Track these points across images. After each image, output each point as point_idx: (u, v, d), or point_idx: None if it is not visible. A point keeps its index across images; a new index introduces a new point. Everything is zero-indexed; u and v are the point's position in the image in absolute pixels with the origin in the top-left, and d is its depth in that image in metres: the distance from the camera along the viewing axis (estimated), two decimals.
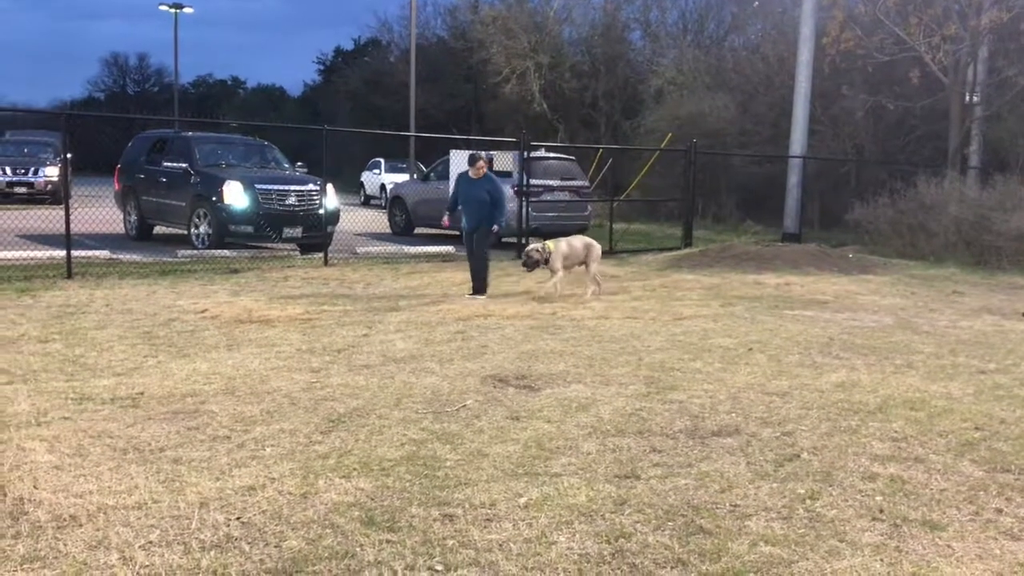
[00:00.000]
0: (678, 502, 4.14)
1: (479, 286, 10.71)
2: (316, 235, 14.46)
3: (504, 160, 16.68)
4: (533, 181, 15.92)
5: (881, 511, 4.11)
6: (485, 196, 10.65)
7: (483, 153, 11.10)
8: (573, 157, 19.15)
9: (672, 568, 3.48)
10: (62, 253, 11.39)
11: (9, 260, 12.21)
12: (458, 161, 15.44)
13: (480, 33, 35.46)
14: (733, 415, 5.64)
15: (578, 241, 11.08)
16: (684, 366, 6.99)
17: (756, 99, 26.17)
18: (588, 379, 6.49)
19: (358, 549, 3.55)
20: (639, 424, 5.38)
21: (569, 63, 34.68)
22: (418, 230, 19.02)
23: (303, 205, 14.76)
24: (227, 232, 14.36)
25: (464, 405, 5.73)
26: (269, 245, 14.97)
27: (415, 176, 26.34)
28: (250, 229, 14.34)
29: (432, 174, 19.09)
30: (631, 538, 3.73)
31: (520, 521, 3.88)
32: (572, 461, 4.68)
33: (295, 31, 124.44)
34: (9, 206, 22.37)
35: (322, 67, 61.67)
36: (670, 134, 23.32)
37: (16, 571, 3.28)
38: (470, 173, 10.82)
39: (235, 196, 14.15)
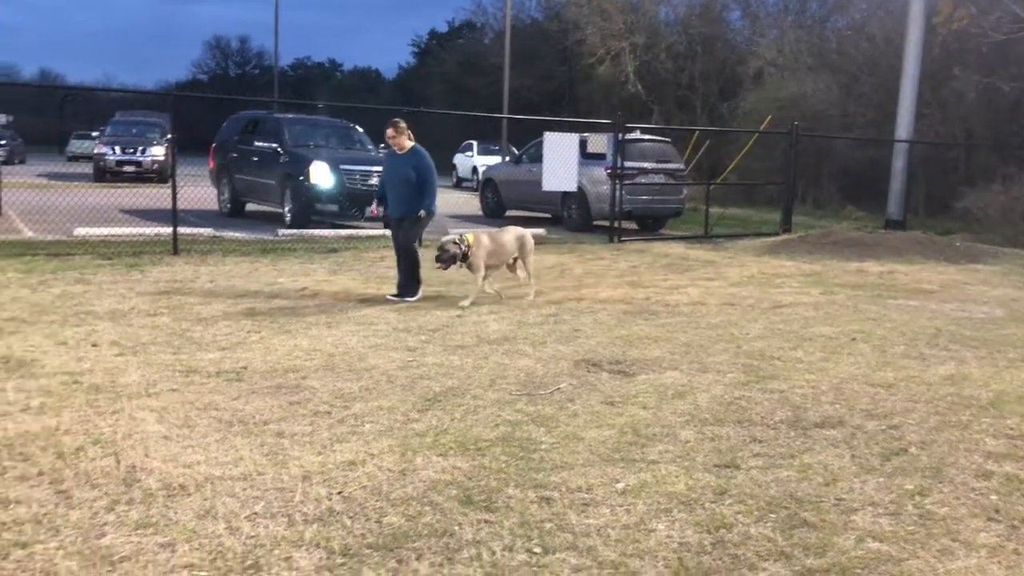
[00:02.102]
0: (780, 494, 4.04)
1: (405, 284, 8.82)
2: None
3: (598, 142, 16.54)
4: (627, 163, 15.75)
5: (997, 511, 3.92)
6: (410, 175, 8.66)
7: (400, 121, 8.75)
8: (669, 139, 18.88)
9: (775, 561, 3.39)
10: (169, 230, 11.78)
11: (120, 236, 12.70)
12: (552, 143, 15.37)
13: (575, 14, 35.22)
14: (836, 406, 5.47)
15: (507, 234, 9.09)
16: (784, 355, 6.82)
17: (860, 80, 25.31)
18: (684, 366, 6.38)
19: (456, 528, 3.57)
20: (738, 413, 5.27)
21: (665, 44, 34.15)
22: (510, 212, 19.06)
23: None
24: (313, 210, 14.79)
25: (558, 388, 5.71)
26: (355, 224, 15.26)
27: (507, 158, 26.39)
28: (335, 208, 14.79)
29: (524, 156, 19.07)
30: (732, 529, 3.66)
31: (618, 507, 3.84)
32: (669, 448, 4.61)
33: (392, 14, 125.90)
34: (118, 184, 23.28)
35: (417, 50, 62.32)
36: (769, 116, 22.78)
37: (131, 536, 3.40)
38: (391, 145, 8.83)
39: (321, 176, 14.58)
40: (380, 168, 15.31)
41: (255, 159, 16.05)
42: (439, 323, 7.67)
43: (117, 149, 25.67)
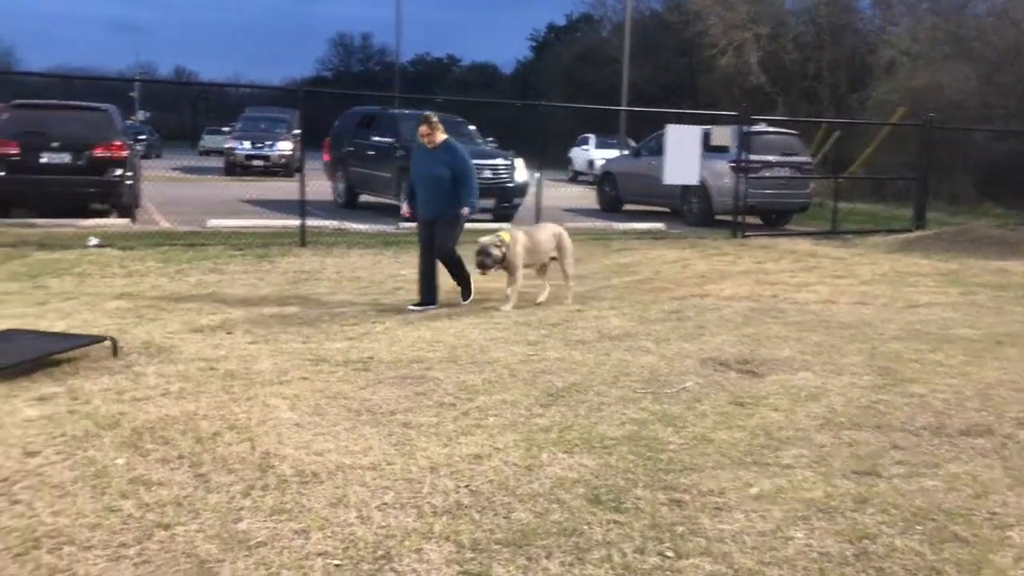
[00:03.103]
0: (926, 505, 3.81)
1: (462, 286, 8.14)
2: (508, 207, 15.46)
3: (721, 134, 16.16)
4: (751, 156, 15.34)
5: None
6: (444, 172, 7.78)
7: (434, 115, 7.94)
8: (796, 132, 18.29)
9: None
10: (296, 222, 12.12)
11: (250, 228, 13.14)
12: (674, 136, 15.10)
13: (697, 5, 34.51)
14: (984, 413, 5.15)
15: (543, 232, 8.45)
16: (922, 357, 6.47)
17: (1002, 69, 23.94)
18: (817, 367, 6.14)
19: (585, 527, 3.51)
20: (876, 418, 5.02)
21: (791, 34, 33.11)
22: (628, 206, 18.85)
23: (495, 178, 15.41)
24: None
25: (684, 387, 5.57)
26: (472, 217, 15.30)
27: (626, 152, 26.12)
28: None
29: (644, 149, 18.82)
30: (876, 540, 3.47)
31: (752, 512, 3.70)
32: (804, 453, 4.43)
33: (512, 9, 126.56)
34: (247, 178, 24.13)
35: (535, 44, 62.39)
36: (902, 108, 21.80)
37: (266, 521, 3.47)
38: (423, 141, 7.93)
39: None
40: (491, 161, 15.91)
41: (371, 153, 16.54)
42: (559, 318, 7.62)
43: (247, 144, 26.62)
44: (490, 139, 18.26)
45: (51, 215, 12.58)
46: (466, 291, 8.10)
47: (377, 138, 16.58)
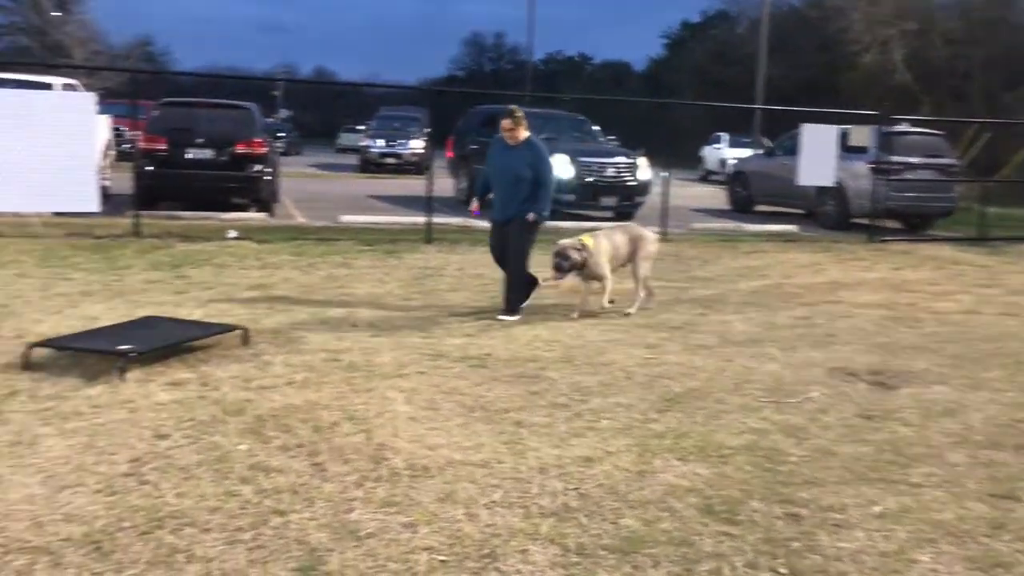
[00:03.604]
0: None
1: (513, 301, 7.40)
2: (629, 204, 15.52)
3: (860, 134, 15.52)
4: (892, 157, 14.67)
5: None
6: (525, 172, 7.32)
7: (518, 109, 7.49)
8: (942, 132, 17.38)
9: None
10: (423, 219, 12.33)
11: (380, 224, 13.47)
12: (810, 135, 14.59)
13: (839, 0, 33.29)
14: None
15: (621, 234, 7.82)
16: None
17: None
18: (954, 381, 5.80)
19: (695, 538, 3.41)
20: (1018, 437, 4.70)
21: (940, 29, 31.51)
22: (759, 207, 18.36)
23: (619, 176, 15.57)
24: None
25: (808, 397, 5.36)
26: (585, 212, 15.52)
27: (759, 151, 25.46)
28: (572, 197, 15.14)
29: (778, 149, 18.27)
30: (1011, 568, 3.24)
31: (874, 532, 3.52)
32: (935, 472, 4.18)
33: (645, 6, 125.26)
34: (380, 175, 24.76)
35: (667, 41, 61.64)
36: None
37: (376, 513, 3.52)
38: (504, 136, 7.47)
39: (561, 167, 14.89)
40: (615, 159, 15.96)
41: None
42: (681, 320, 7.47)
43: (380, 142, 27.33)
44: (611, 137, 18.31)
45: (194, 208, 13.24)
46: (514, 307, 7.36)
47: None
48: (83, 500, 3.53)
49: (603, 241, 7.58)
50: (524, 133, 7.41)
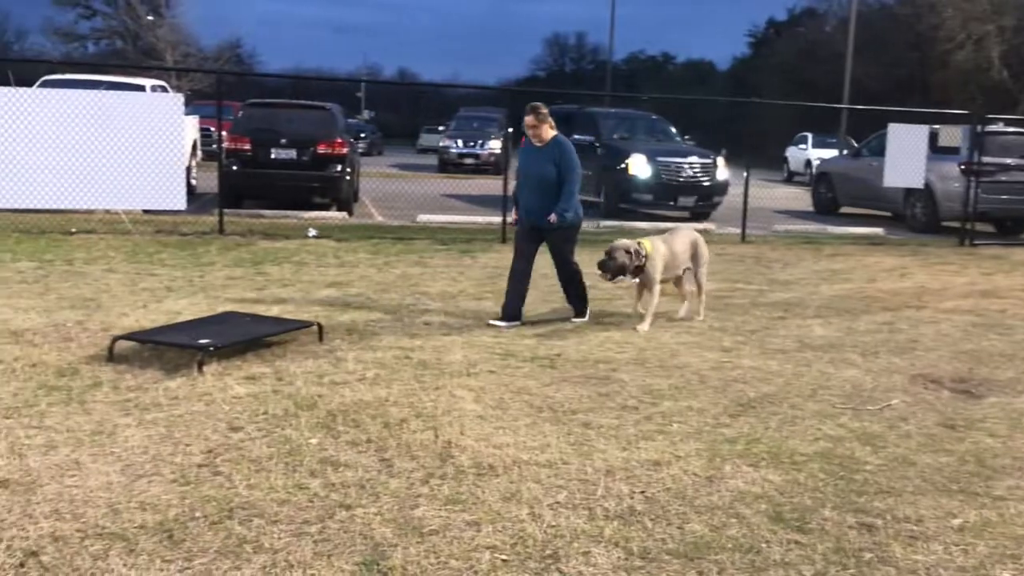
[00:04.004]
0: None
1: (579, 306, 7.30)
2: (707, 204, 15.63)
3: (951, 134, 15.00)
4: (985, 159, 14.14)
5: None
6: (550, 172, 6.94)
7: (542, 106, 7.09)
8: None
9: None
10: (499, 219, 12.37)
11: (456, 224, 13.57)
12: (897, 135, 14.17)
13: None
14: None
15: (679, 240, 7.42)
16: None
17: None
18: None
19: (763, 545, 3.33)
20: None
21: None
22: (844, 209, 17.90)
23: (697, 176, 15.59)
24: (628, 199, 15.38)
25: (888, 404, 5.20)
26: (662, 212, 15.76)
27: (845, 152, 24.83)
28: (650, 197, 15.41)
29: (865, 149, 17.79)
30: None
31: (952, 545, 3.38)
32: (1021, 485, 4.01)
33: (730, 4, 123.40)
34: (458, 175, 24.93)
35: (752, 39, 60.63)
36: None
37: (440, 510, 3.54)
38: (529, 136, 7.09)
39: (639, 167, 15.28)
40: (692, 159, 15.94)
41: None
42: (757, 324, 7.32)
43: (459, 142, 27.52)
44: (687, 137, 18.34)
45: (276, 207, 13.54)
46: (581, 309, 7.28)
47: (577, 136, 16.71)
48: (158, 489, 3.63)
49: (662, 248, 7.16)
50: (550, 132, 7.03)
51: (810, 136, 31.51)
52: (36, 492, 3.56)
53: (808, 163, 29.32)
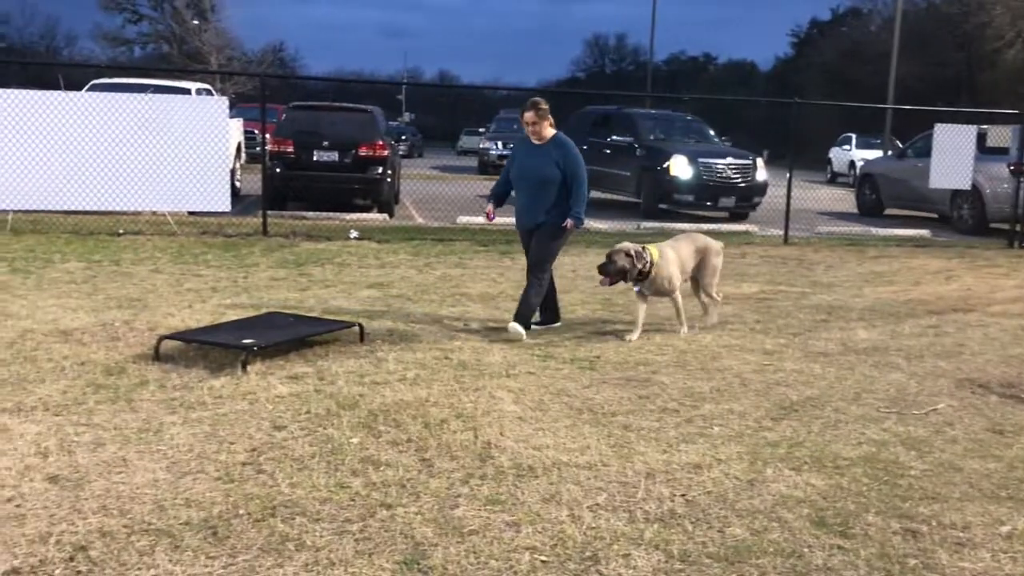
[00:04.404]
0: None
1: (525, 311, 6.57)
2: (746, 205, 15.83)
3: (1000, 134, 14.72)
4: None
5: None
6: (552, 173, 6.54)
7: (542, 101, 6.69)
8: None
9: None
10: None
11: (496, 225, 13.55)
12: (943, 136, 13.95)
13: None
14: None
15: (685, 246, 7.01)
16: None
17: None
18: None
19: (805, 550, 3.30)
20: None
21: None
22: (889, 211, 17.64)
23: (737, 177, 15.76)
24: (670, 200, 15.62)
25: (934, 408, 5.12)
26: (704, 213, 16.03)
27: (889, 152, 24.47)
28: (691, 198, 15.64)
29: (910, 150, 17.52)
30: None
31: (1001, 553, 3.32)
32: None
33: (772, 4, 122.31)
34: (495, 177, 24.95)
35: (795, 40, 60.06)
36: None
37: (480, 511, 3.55)
38: (527, 133, 6.71)
39: (681, 168, 15.49)
40: (733, 160, 16.10)
41: (607, 152, 16.93)
42: (800, 327, 7.25)
43: (500, 144, 27.56)
44: (724, 138, 18.59)
45: (319, 208, 13.67)
46: (525, 317, 6.56)
47: (616, 138, 17.08)
48: (203, 486, 3.69)
49: (670, 254, 6.78)
50: (550, 130, 6.64)
51: (854, 137, 31.15)
52: (84, 488, 3.63)
53: (852, 164, 28.98)
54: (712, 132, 17.91)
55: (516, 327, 6.44)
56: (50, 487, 3.63)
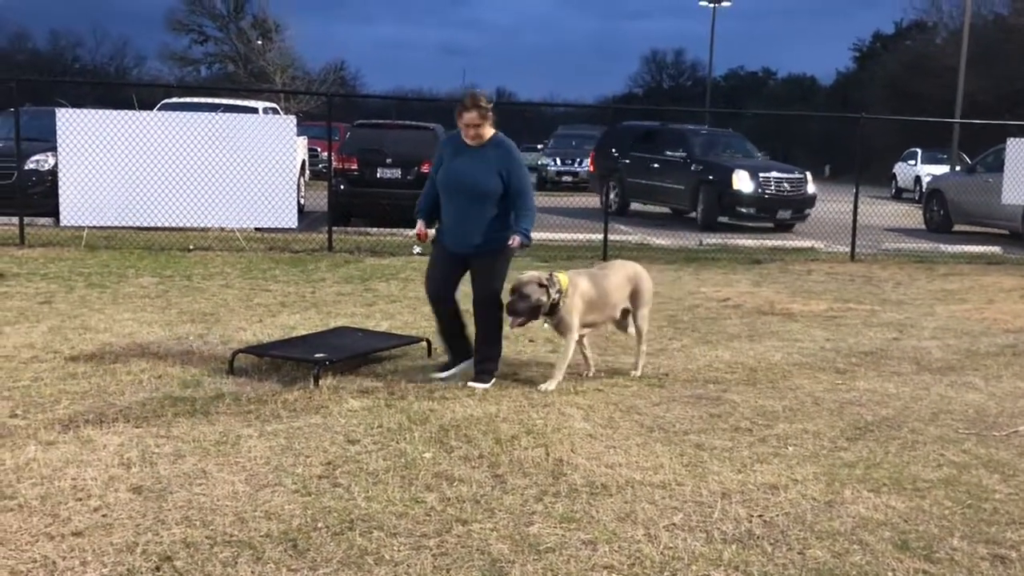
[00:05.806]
0: None
1: (487, 361, 5.58)
2: (798, 216, 16.81)
3: None
4: None
5: None
6: (491, 183, 5.42)
7: (483, 96, 5.41)
8: None
9: None
10: (599, 236, 12.35)
11: (556, 241, 13.58)
12: (1016, 151, 13.61)
13: None
14: None
15: (614, 276, 5.87)
16: None
17: None
18: None
19: (889, 573, 3.23)
20: None
21: None
22: (958, 227, 17.24)
23: (791, 190, 16.76)
24: (733, 213, 16.49)
25: (1016, 430, 4.98)
26: (764, 225, 16.81)
27: (957, 167, 23.94)
28: (752, 211, 16.55)
29: (980, 165, 17.13)
30: None
31: None
32: None
33: (833, 19, 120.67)
34: (556, 193, 24.99)
35: (857, 53, 59.15)
36: None
37: (556, 528, 3.54)
38: (465, 137, 5.49)
39: (743, 182, 16.39)
40: (789, 175, 16.90)
41: (655, 166, 17.97)
42: (872, 345, 7.11)
43: (558, 160, 27.65)
44: (764, 152, 19.75)
45: (383, 225, 13.82)
46: (487, 370, 5.58)
47: (671, 153, 17.93)
48: (281, 499, 3.74)
49: (582, 284, 5.61)
50: (490, 130, 5.49)
51: (919, 151, 30.53)
52: (167, 499, 3.71)
53: (917, 179, 28.40)
54: (752, 147, 18.91)
55: (479, 386, 5.44)
56: (134, 497, 3.72)
